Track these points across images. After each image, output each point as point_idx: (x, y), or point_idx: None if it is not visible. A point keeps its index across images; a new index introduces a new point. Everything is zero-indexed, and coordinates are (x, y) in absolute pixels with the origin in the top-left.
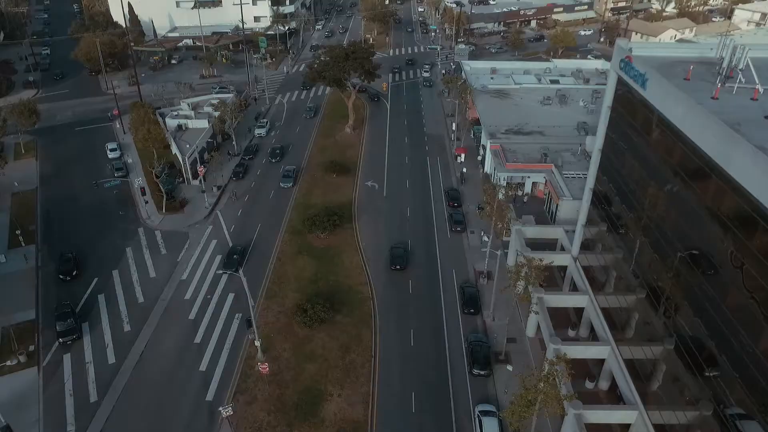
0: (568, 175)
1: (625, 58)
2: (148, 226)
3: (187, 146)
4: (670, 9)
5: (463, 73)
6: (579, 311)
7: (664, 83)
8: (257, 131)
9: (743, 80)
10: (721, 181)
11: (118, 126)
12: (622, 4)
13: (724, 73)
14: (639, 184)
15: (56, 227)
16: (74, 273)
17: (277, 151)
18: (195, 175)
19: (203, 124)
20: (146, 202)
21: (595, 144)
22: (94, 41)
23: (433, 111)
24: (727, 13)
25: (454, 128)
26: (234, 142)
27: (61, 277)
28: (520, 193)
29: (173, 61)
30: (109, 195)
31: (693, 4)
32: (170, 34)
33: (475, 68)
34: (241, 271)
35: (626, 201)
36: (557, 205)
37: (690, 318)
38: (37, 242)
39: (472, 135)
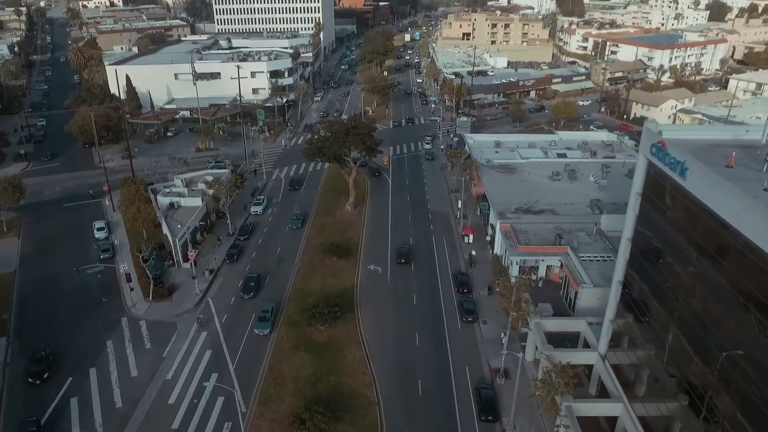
0: (586, 258)
1: (658, 143)
2: (132, 316)
3: (179, 227)
4: (666, 78)
5: (466, 146)
6: (612, 417)
7: (710, 174)
8: (253, 209)
9: None
10: None
11: (107, 203)
12: (619, 74)
13: None
14: (678, 278)
15: (32, 316)
16: (46, 375)
17: (252, 283)
18: (186, 258)
19: (196, 202)
20: (131, 289)
21: (624, 233)
22: (88, 114)
23: (437, 186)
24: (722, 83)
25: (459, 205)
26: (229, 221)
27: (30, 380)
28: (534, 276)
29: (169, 134)
30: (92, 279)
31: (687, 73)
32: (167, 106)
33: (479, 141)
34: (234, 378)
35: (661, 295)
36: (576, 292)
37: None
38: (8, 334)
39: (478, 212)
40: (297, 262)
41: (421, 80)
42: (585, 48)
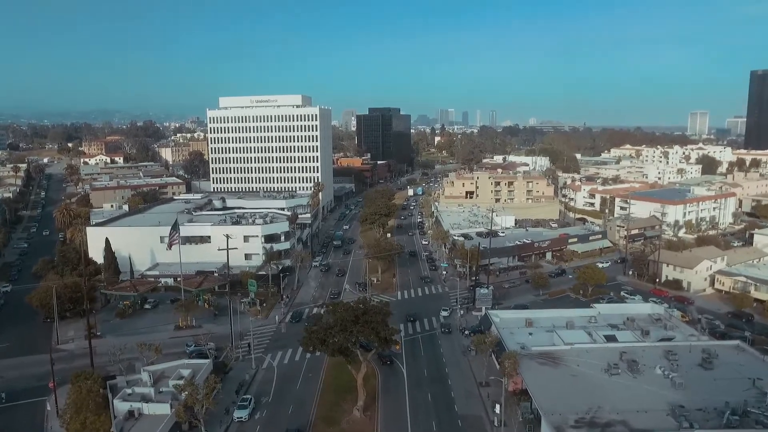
0: None
1: None
2: None
3: None
4: (682, 234)
5: (492, 326)
6: None
7: None
8: (237, 414)
9: None
10: None
11: (48, 408)
12: (634, 231)
13: None
14: None
15: None
16: None
17: None
18: None
19: (164, 409)
20: None
21: None
22: (50, 288)
23: (462, 376)
24: (745, 238)
25: (497, 410)
26: None
27: None
28: None
29: (147, 306)
30: None
31: (703, 228)
32: (149, 272)
33: (506, 320)
34: None
35: None
36: None
37: None
38: None
39: (520, 417)
40: None
41: (426, 242)
42: (592, 204)
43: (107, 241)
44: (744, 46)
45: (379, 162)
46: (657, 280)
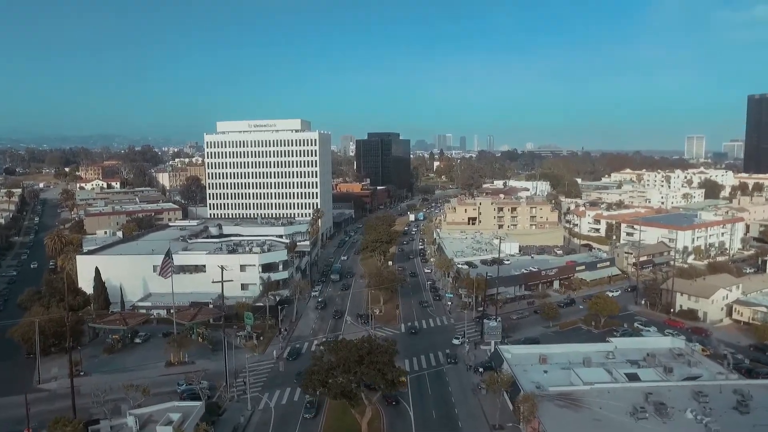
0: None
1: None
2: None
3: None
4: (691, 260)
5: (504, 363)
6: None
7: None
8: None
9: None
10: None
11: None
12: (643, 258)
13: None
14: None
15: None
16: None
17: None
18: None
19: None
20: None
21: None
22: (32, 322)
23: (472, 418)
24: (758, 264)
25: None
26: None
27: None
28: None
29: (138, 340)
30: None
31: (712, 254)
32: (141, 303)
33: (518, 355)
34: None
35: None
36: None
37: None
38: None
39: None
40: None
41: (429, 269)
42: (597, 230)
43: (97, 270)
44: (738, 71)
45: (378, 187)
46: (671, 310)
